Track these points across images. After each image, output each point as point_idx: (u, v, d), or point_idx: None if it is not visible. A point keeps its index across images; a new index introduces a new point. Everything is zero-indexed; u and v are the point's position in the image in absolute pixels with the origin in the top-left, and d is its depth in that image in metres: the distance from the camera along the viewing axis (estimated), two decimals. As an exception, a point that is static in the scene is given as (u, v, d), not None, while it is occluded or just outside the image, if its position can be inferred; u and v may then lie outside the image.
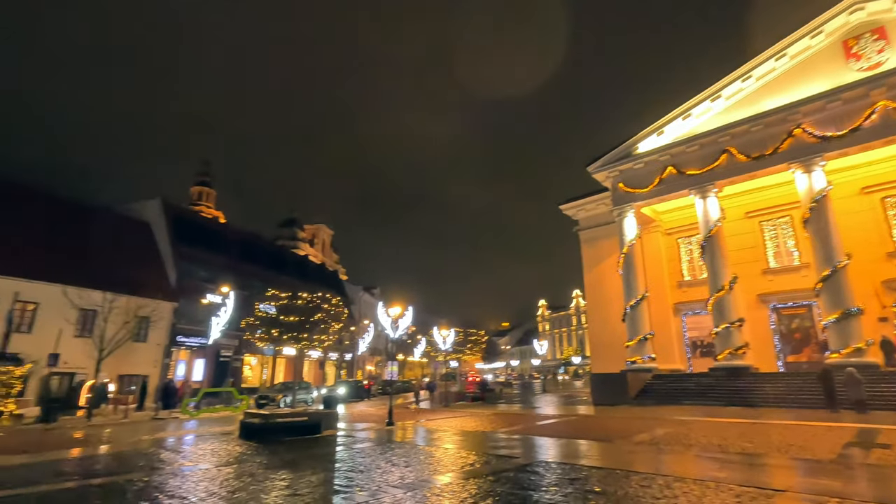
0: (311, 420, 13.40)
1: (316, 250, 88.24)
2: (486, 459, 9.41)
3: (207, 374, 32.83)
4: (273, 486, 7.38)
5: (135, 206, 35.29)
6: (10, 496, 7.08)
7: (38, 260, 23.99)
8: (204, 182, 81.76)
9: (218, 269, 34.45)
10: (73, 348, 23.64)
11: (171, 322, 30.25)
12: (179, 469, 9.08)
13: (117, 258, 27.79)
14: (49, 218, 26.80)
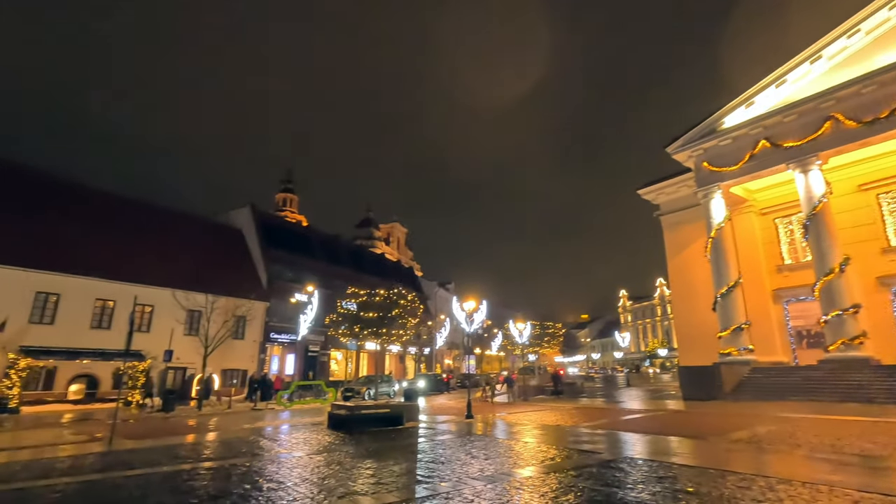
0: (394, 412, 13.87)
1: (391, 248, 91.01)
2: (568, 454, 9.21)
3: (298, 368, 35.12)
4: (359, 474, 7.74)
5: (229, 215, 38.55)
6: (139, 475, 8.05)
7: (152, 267, 26.89)
8: (287, 189, 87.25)
9: (303, 270, 36.67)
10: (184, 345, 26.31)
11: (264, 320, 32.70)
12: (276, 456, 9.81)
13: (216, 263, 30.54)
14: (157, 228, 29.97)
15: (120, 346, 24.10)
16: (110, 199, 29.71)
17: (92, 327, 24.51)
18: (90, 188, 29.46)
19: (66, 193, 26.93)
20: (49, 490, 7.09)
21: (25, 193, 24.68)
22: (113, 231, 27.10)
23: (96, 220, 26.75)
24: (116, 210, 28.88)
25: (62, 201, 26.09)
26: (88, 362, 23.62)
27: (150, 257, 27.33)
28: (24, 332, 21.73)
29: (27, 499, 6.54)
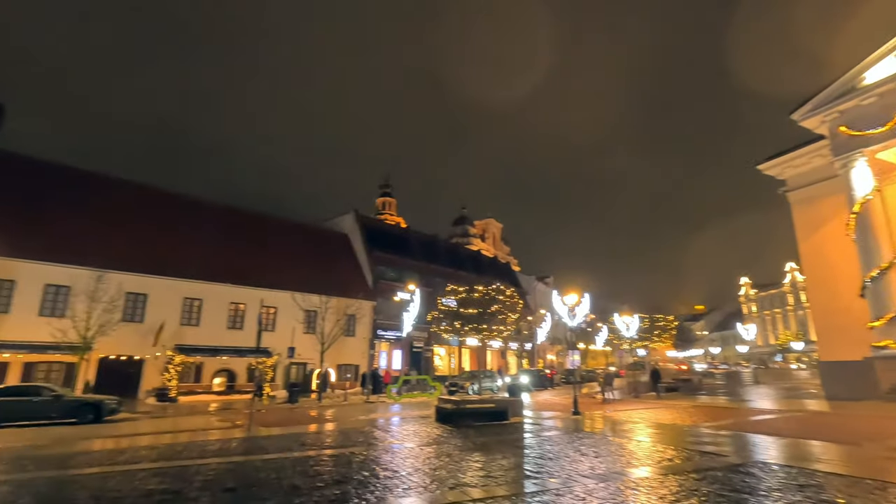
0: (499, 407, 13.96)
1: (487, 244, 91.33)
2: (688, 455, 8.59)
3: (404, 363, 36.74)
4: (468, 466, 7.92)
5: (334, 221, 41.46)
6: (273, 459, 9.00)
7: (274, 273, 29.81)
8: (386, 193, 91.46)
9: (404, 270, 38.26)
10: (303, 343, 28.81)
11: (371, 318, 34.68)
12: (390, 446, 10.38)
13: (327, 266, 33.02)
14: (276, 238, 33.12)
15: (250, 344, 27.10)
16: (235, 213, 33.44)
17: (228, 328, 27.79)
18: (219, 205, 33.38)
19: (201, 212, 30.76)
20: (206, 468, 8.20)
21: (166, 214, 28.61)
22: (240, 242, 30.45)
23: (227, 234, 30.25)
24: (242, 223, 32.41)
25: (199, 219, 29.85)
26: (227, 358, 26.84)
27: (272, 264, 30.28)
28: (177, 333, 25.29)
29: (190, 475, 7.62)
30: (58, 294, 22.20)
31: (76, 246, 22.65)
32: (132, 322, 23.99)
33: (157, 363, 24.02)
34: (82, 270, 21.78)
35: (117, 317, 22.43)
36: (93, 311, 20.94)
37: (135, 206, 27.00)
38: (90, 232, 23.67)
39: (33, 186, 23.77)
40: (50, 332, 20.41)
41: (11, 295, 21.36)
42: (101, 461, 9.42)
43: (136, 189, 29.05)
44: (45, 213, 22.99)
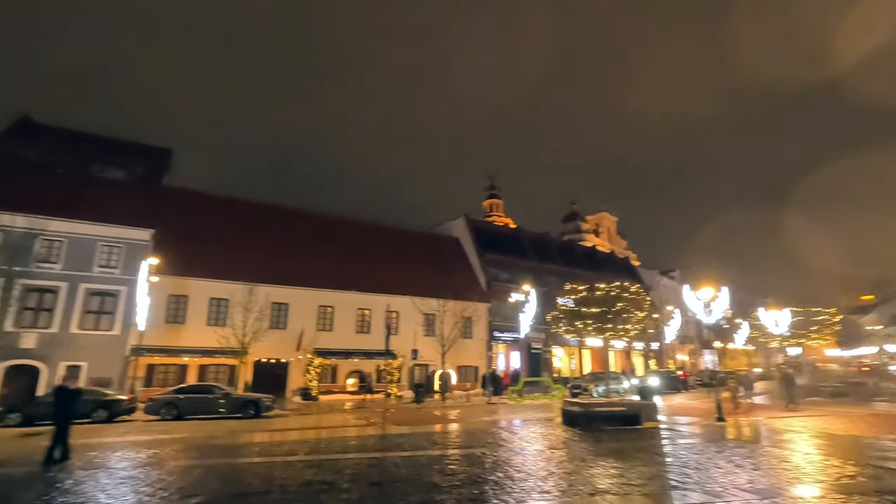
0: (631, 410, 13.19)
1: (602, 239, 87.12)
2: (873, 472, 7.32)
3: (523, 364, 36.44)
4: (604, 472, 7.58)
5: (445, 226, 42.64)
6: (409, 456, 9.48)
7: (394, 279, 31.49)
8: (493, 195, 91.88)
9: (517, 270, 38.02)
10: (424, 345, 29.98)
11: (487, 320, 34.98)
12: (519, 448, 10.35)
13: (441, 270, 34.04)
14: (393, 245, 34.97)
15: (376, 347, 28.92)
16: (357, 226, 36.02)
17: (356, 332, 29.95)
18: (342, 219, 36.22)
19: (328, 226, 33.62)
20: (352, 462, 8.92)
21: (299, 230, 31.68)
22: (364, 252, 32.64)
23: (351, 245, 32.65)
24: (363, 234, 34.79)
25: (326, 232, 32.64)
26: (358, 360, 28.93)
27: (393, 271, 32.02)
28: (315, 338, 27.89)
29: (339, 468, 8.34)
30: (220, 306, 25.79)
31: (231, 264, 26.11)
32: (278, 329, 26.97)
33: (300, 365, 26.71)
34: (237, 285, 25.06)
35: (266, 324, 25.39)
36: (247, 320, 23.97)
37: (274, 226, 30.42)
38: (241, 251, 27.13)
39: (196, 215, 27.93)
40: (216, 339, 23.77)
41: (186, 308, 25.31)
42: (265, 452, 10.72)
43: (273, 210, 32.74)
44: (207, 238, 26.87)
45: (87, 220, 22.96)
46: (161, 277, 23.03)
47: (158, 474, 8.04)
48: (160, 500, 6.36)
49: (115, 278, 23.15)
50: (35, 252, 21.09)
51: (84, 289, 22.52)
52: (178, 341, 24.20)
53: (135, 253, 23.49)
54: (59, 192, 22.94)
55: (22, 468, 8.92)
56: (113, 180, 26.43)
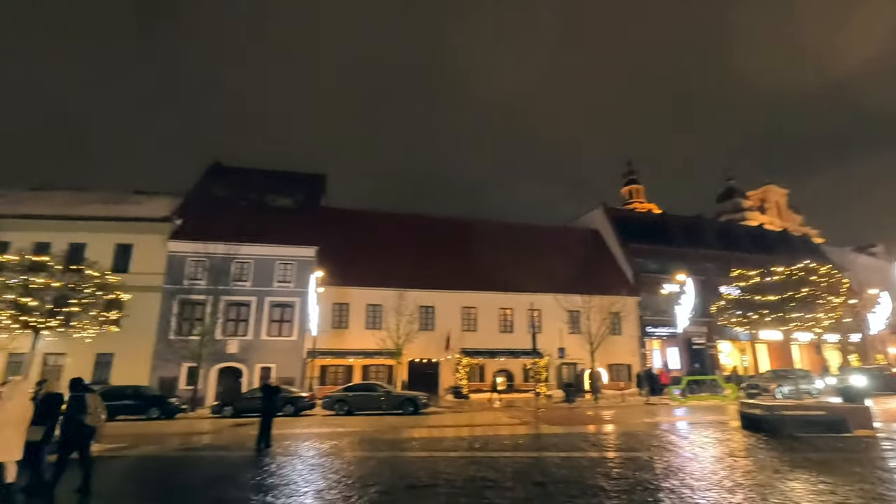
0: (833, 415, 11.09)
1: (769, 216, 75.57)
2: None
3: (684, 362, 33.17)
4: (809, 487, 6.45)
5: (582, 219, 40.91)
6: (568, 457, 9.19)
7: (534, 277, 31.07)
8: (632, 181, 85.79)
9: (667, 259, 34.80)
10: (570, 343, 29.06)
11: (637, 315, 32.61)
12: (692, 453, 9.36)
13: (583, 265, 32.72)
14: (531, 243, 34.53)
15: (521, 346, 28.84)
16: (492, 226, 36.37)
17: (500, 332, 30.24)
18: (477, 222, 36.90)
19: (464, 229, 34.51)
20: (512, 461, 8.96)
21: (439, 236, 33.04)
22: (502, 252, 32.74)
23: (488, 246, 32.97)
24: (499, 235, 34.98)
25: (464, 236, 33.51)
26: (504, 360, 29.19)
27: (532, 269, 31.63)
28: (461, 339, 28.85)
29: (500, 465, 8.43)
30: (375, 311, 28.20)
31: (383, 272, 28.37)
32: (427, 331, 28.51)
33: (449, 365, 27.86)
34: (389, 291, 27.14)
35: (416, 327, 27.04)
36: (399, 323, 25.79)
37: (417, 234, 32.28)
38: (391, 259, 29.33)
39: (350, 230, 30.96)
40: (374, 341, 26.03)
41: (348, 314, 28.17)
42: (427, 447, 11.33)
43: (415, 220, 34.84)
44: (360, 249, 29.61)
45: (267, 244, 26.93)
46: (326, 288, 25.99)
47: (340, 463, 9.00)
48: (345, 486, 7.08)
49: (290, 291, 26.71)
50: (231, 273, 25.40)
51: (268, 301, 26.42)
52: (343, 344, 27.02)
53: (304, 268, 26.85)
54: (244, 222, 27.30)
55: (239, 452, 10.71)
56: (282, 207, 30.58)
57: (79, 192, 30.00)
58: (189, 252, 25.76)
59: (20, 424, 6.37)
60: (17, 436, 6.32)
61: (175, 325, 24.78)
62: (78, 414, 6.82)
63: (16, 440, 6.30)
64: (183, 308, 25.08)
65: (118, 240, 26.05)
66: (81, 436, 6.87)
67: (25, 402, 6.62)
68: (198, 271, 25.46)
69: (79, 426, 6.83)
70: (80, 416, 6.84)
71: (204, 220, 26.81)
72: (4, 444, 6.20)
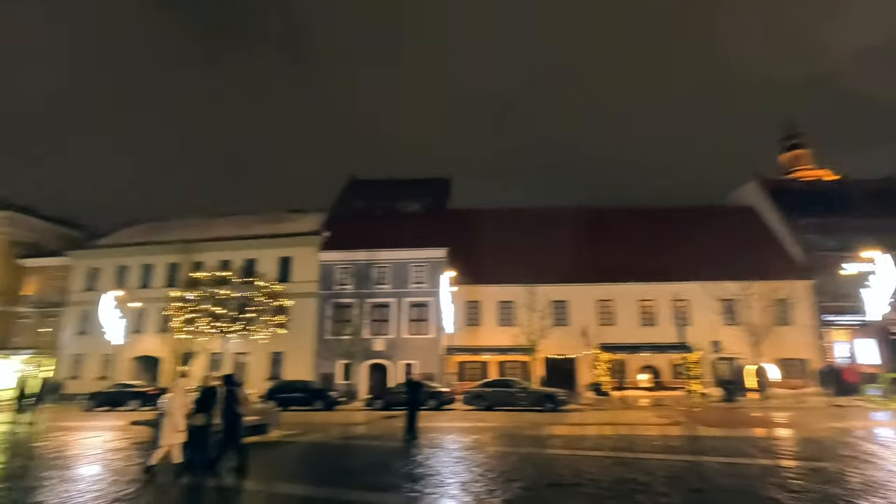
0: None
1: None
2: None
3: (883, 356, 27.47)
4: None
5: (731, 196, 36.26)
6: (732, 463, 8.22)
7: (678, 264, 28.38)
8: (794, 145, 73.63)
9: (847, 233, 29.05)
10: (727, 335, 25.96)
11: (812, 301, 27.86)
12: (900, 467, 7.73)
13: (735, 247, 28.97)
14: (671, 227, 31.60)
15: (666, 340, 26.57)
16: (625, 213, 34.11)
17: (641, 325, 28.19)
18: (609, 209, 34.84)
19: (596, 218, 32.79)
20: (664, 464, 8.30)
21: (568, 227, 31.84)
22: (638, 239, 30.62)
23: (622, 234, 31.09)
24: (634, 221, 32.74)
25: (596, 225, 31.91)
26: (648, 355, 27.16)
27: (675, 256, 28.95)
28: (599, 333, 27.55)
29: (651, 468, 7.87)
30: (507, 308, 28.34)
31: (511, 269, 28.32)
32: (561, 326, 27.79)
33: (587, 361, 26.80)
34: (519, 287, 27.06)
35: (549, 322, 26.54)
36: (532, 319, 25.57)
37: (543, 228, 31.63)
38: (519, 256, 29.16)
39: (476, 229, 31.53)
40: (508, 338, 26.18)
41: (480, 312, 28.74)
42: (568, 445, 11.04)
43: (538, 213, 34.15)
44: (488, 248, 29.99)
45: (401, 248, 28.72)
46: (458, 287, 26.87)
47: (483, 457, 9.22)
48: (489, 480, 7.23)
49: (425, 291, 28.12)
50: (373, 277, 27.64)
51: (406, 302, 28.15)
52: (477, 341, 27.63)
53: (436, 269, 28.06)
54: (380, 229, 29.49)
55: (390, 443, 11.59)
56: (412, 212, 32.36)
57: (247, 216, 35.32)
58: (337, 260, 28.68)
59: (182, 413, 7.71)
60: (181, 422, 7.66)
61: (329, 326, 27.76)
62: (232, 404, 7.94)
63: (180, 426, 7.64)
64: (335, 311, 27.98)
65: (280, 253, 30.00)
66: (234, 422, 7.89)
67: (185, 395, 7.95)
68: (345, 277, 28.22)
69: (232, 414, 7.88)
70: (234, 406, 7.93)
71: (347, 230, 29.63)
72: (172, 429, 7.61)
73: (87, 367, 30.33)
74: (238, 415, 7.96)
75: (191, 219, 36.73)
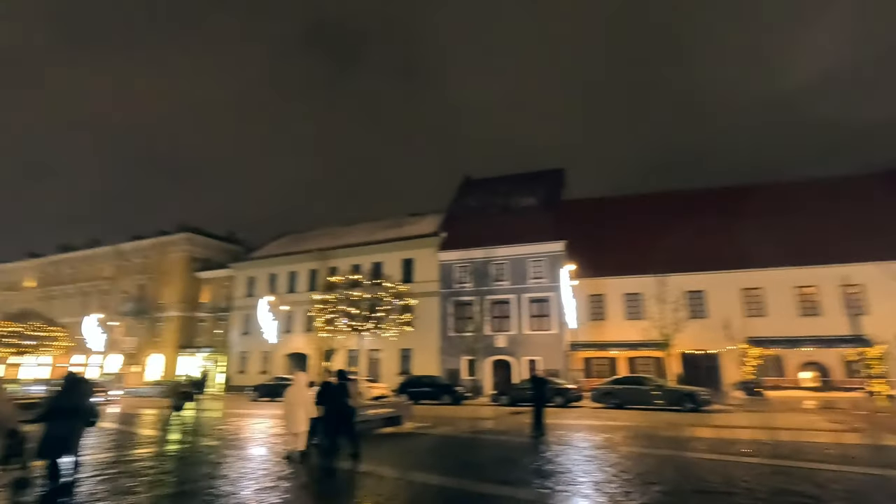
0: None
1: None
2: None
3: None
4: None
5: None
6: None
7: (843, 242, 23.93)
8: None
9: None
10: (920, 326, 21.45)
11: None
12: None
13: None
14: (822, 201, 26.78)
15: (832, 332, 22.76)
16: (763, 188, 29.72)
17: (799, 315, 24.48)
18: (740, 187, 30.61)
19: (726, 198, 29.05)
20: (839, 476, 7.13)
21: (696, 212, 28.72)
22: (786, 218, 26.47)
23: (768, 213, 26.97)
24: (779, 196, 28.41)
25: (730, 206, 28.31)
26: (811, 350, 23.53)
27: (839, 233, 24.61)
28: (745, 326, 24.57)
29: (821, 480, 6.81)
30: (635, 300, 26.64)
31: (637, 259, 26.53)
32: (698, 318, 25.33)
33: (732, 356, 24.08)
34: (647, 278, 25.27)
35: (684, 315, 24.36)
36: (663, 312, 23.70)
37: (670, 213, 29.01)
38: (645, 244, 27.12)
39: (595, 219, 30.12)
40: (637, 332, 24.60)
41: (604, 305, 27.41)
42: (715, 449, 10.01)
43: (664, 197, 31.38)
44: (609, 237, 28.47)
45: (517, 244, 28.59)
46: (579, 281, 25.95)
47: (616, 457, 8.78)
48: (624, 481, 6.87)
49: (545, 286, 27.64)
50: (491, 274, 27.91)
51: (526, 298, 27.94)
52: (602, 336, 26.42)
53: (555, 263, 27.43)
54: (496, 226, 29.69)
55: (517, 438, 11.60)
56: (526, 207, 32.01)
57: (373, 222, 37.97)
58: (455, 260, 29.50)
59: (305, 405, 8.55)
60: (304, 413, 8.49)
61: (452, 323, 28.65)
62: (343, 397, 8.59)
63: (303, 417, 8.47)
64: (456, 308, 28.80)
65: (403, 256, 31.74)
66: (346, 414, 8.52)
67: (306, 389, 8.86)
68: (463, 276, 28.90)
69: (344, 407, 8.52)
70: (345, 399, 8.59)
71: (463, 230, 30.35)
72: (297, 419, 8.43)
73: (251, 362, 35.15)
74: (350, 406, 8.67)
75: (325, 229, 40.60)
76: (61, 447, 5.97)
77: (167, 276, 40.50)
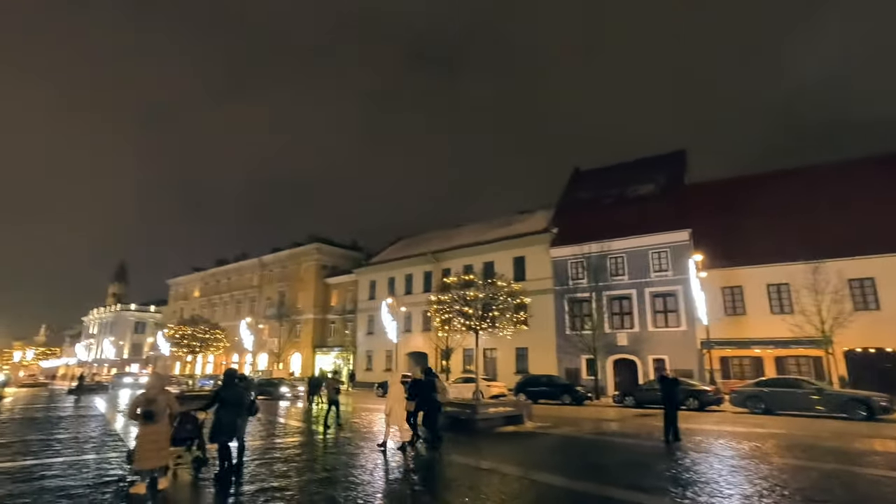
0: None
1: None
2: None
3: None
4: None
5: None
6: None
7: None
8: None
9: None
10: None
11: None
12: None
13: None
14: None
15: None
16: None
17: None
18: None
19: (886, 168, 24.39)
20: None
21: (854, 185, 24.33)
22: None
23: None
24: None
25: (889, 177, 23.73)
26: None
27: None
28: None
29: None
30: (780, 292, 23.39)
31: (780, 244, 23.27)
32: (867, 310, 21.44)
33: (920, 356, 19.98)
34: (795, 265, 22.03)
35: (848, 307, 20.81)
36: (820, 304, 20.48)
37: (820, 189, 24.99)
38: (787, 227, 23.74)
39: (725, 203, 26.95)
40: (786, 328, 21.53)
41: (742, 298, 24.45)
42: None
43: (815, 171, 27.00)
44: (744, 222, 25.25)
45: (635, 235, 26.81)
46: (709, 272, 23.54)
47: (767, 469, 7.80)
48: (780, 496, 6.08)
49: (669, 279, 25.56)
50: (608, 268, 26.52)
51: (648, 292, 26.08)
52: (742, 332, 23.65)
53: (679, 254, 25.24)
54: (610, 218, 28.14)
55: (647, 442, 10.86)
56: (644, 195, 29.84)
57: (483, 223, 38.33)
58: (568, 255, 28.54)
59: (400, 401, 9.51)
60: (401, 407, 9.46)
61: (568, 321, 27.75)
62: (430, 393, 9.63)
63: (400, 411, 9.43)
64: (571, 306, 27.84)
65: (514, 254, 31.55)
66: (432, 407, 9.58)
67: (400, 386, 9.78)
68: (578, 271, 27.84)
69: (431, 401, 9.57)
70: (432, 395, 9.62)
71: (575, 224, 29.23)
72: (396, 412, 9.37)
73: (376, 360, 37.56)
74: (437, 401, 9.69)
75: (437, 231, 41.97)
76: (229, 433, 6.94)
77: (302, 283, 45.13)
